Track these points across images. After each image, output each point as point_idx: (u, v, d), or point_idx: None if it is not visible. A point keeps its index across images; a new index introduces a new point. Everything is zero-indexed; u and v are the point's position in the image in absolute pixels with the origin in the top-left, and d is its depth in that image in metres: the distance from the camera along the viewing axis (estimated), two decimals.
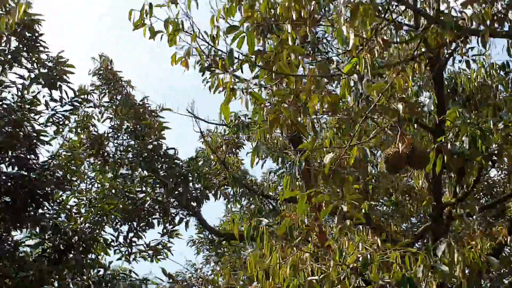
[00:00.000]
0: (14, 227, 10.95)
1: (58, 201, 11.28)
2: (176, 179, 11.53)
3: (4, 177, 10.42)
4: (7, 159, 10.29)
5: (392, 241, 8.26)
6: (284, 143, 13.11)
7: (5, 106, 9.96)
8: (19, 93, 10.26)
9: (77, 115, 11.10)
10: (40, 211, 11.09)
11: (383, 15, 5.91)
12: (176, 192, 12.13)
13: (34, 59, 10.54)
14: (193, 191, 11.79)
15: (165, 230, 13.25)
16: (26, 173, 10.45)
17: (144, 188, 13.28)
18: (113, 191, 13.31)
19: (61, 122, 10.54)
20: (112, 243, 12.59)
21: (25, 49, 10.39)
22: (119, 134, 12.07)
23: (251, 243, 10.09)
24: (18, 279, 9.91)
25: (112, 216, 12.42)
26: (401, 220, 12.32)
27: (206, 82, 11.28)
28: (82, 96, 10.77)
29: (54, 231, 10.73)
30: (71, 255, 11.04)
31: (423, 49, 7.11)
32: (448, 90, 10.83)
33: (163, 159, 11.84)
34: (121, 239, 12.82)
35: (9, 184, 10.45)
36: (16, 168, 10.40)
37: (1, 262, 10.21)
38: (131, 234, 12.94)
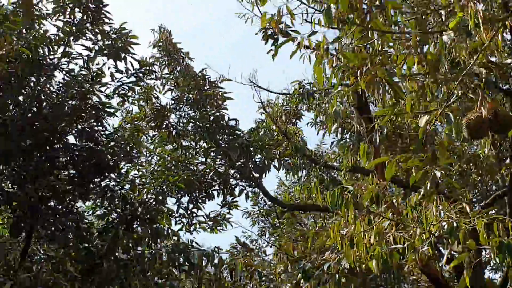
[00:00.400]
0: (80, 198, 11.09)
1: (121, 172, 11.35)
2: (239, 149, 11.43)
3: (72, 149, 10.51)
4: (74, 130, 10.35)
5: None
6: (346, 113, 12.91)
7: (72, 77, 9.98)
8: (85, 65, 10.27)
9: (140, 86, 11.06)
10: (106, 182, 11.23)
11: None
12: (239, 163, 12.06)
13: (97, 30, 10.52)
14: (256, 162, 11.67)
15: (224, 202, 13.28)
16: (93, 145, 10.53)
17: (205, 160, 13.29)
18: (173, 162, 13.41)
19: (127, 93, 10.52)
20: (173, 214, 12.68)
21: (89, 20, 10.37)
22: (181, 105, 12.02)
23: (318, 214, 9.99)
24: (83, 251, 10.03)
25: (174, 187, 12.48)
26: (468, 189, 11.99)
27: (274, 48, 11.16)
28: (146, 67, 10.70)
29: (122, 201, 10.79)
30: (136, 226, 11.17)
31: None
32: None
33: (225, 130, 11.75)
34: (181, 211, 12.93)
35: (76, 156, 10.55)
36: (83, 140, 10.47)
37: (66, 234, 10.34)
38: (191, 205, 13.00)
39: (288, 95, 11.92)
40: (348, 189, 6.28)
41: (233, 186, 13.34)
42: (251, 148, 11.90)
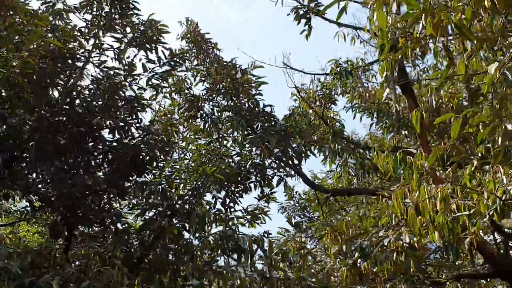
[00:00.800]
0: (117, 197, 10.83)
1: (158, 167, 11.09)
2: (277, 136, 11.09)
3: (107, 145, 10.27)
4: (108, 125, 10.11)
5: None
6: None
7: (105, 69, 9.76)
8: (116, 58, 10.03)
9: (173, 76, 10.79)
10: (142, 178, 10.98)
11: None
12: (277, 150, 11.72)
13: (125, 23, 10.29)
14: (296, 147, 11.30)
15: (262, 194, 12.95)
16: (128, 140, 10.28)
17: (240, 151, 13.00)
18: (208, 156, 13.14)
19: (160, 84, 10.25)
20: (210, 209, 12.40)
21: (117, 12, 10.14)
22: (214, 95, 11.72)
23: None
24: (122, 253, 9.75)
25: (212, 180, 12.21)
26: None
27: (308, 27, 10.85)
28: (177, 57, 10.44)
29: (161, 196, 10.52)
30: (176, 221, 10.88)
31: None
32: None
33: (261, 117, 11.42)
34: (218, 205, 12.64)
35: (111, 152, 10.30)
36: (117, 135, 10.22)
37: (102, 235, 10.08)
38: (227, 200, 12.70)
39: (325, 75, 11.56)
40: (411, 153, 5.88)
41: (271, 177, 13.03)
42: (289, 134, 11.54)
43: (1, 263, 6.51)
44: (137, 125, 10.14)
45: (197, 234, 9.58)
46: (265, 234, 8.96)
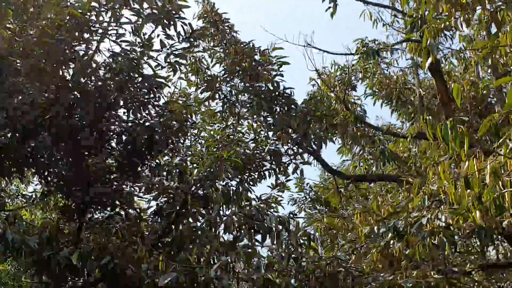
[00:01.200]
0: (133, 180, 10.43)
1: (176, 148, 10.70)
2: (298, 119, 10.68)
3: (124, 125, 9.87)
4: (125, 102, 9.69)
5: None
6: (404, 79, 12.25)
7: (123, 44, 9.37)
8: (134, 33, 9.63)
9: (191, 54, 10.37)
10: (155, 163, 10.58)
11: None
12: (296, 136, 11.33)
13: None
14: (317, 131, 10.88)
15: (276, 182, 12.58)
16: (145, 119, 9.88)
17: (255, 137, 12.65)
18: (223, 142, 12.82)
19: (178, 61, 9.83)
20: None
21: None
22: (232, 76, 11.32)
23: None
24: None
25: (228, 164, 11.86)
26: None
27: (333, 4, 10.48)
28: (196, 34, 10.02)
29: (179, 178, 10.12)
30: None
31: None
32: None
33: (281, 100, 11.02)
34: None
35: (128, 130, 9.90)
36: (136, 113, 9.82)
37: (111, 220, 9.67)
38: (240, 188, 12.34)
39: (351, 55, 11.17)
40: (463, 120, 5.49)
41: (286, 164, 12.66)
42: (310, 118, 11.14)
43: (19, 237, 6.14)
44: (155, 103, 9.71)
45: (221, 213, 9.21)
46: (291, 215, 8.57)
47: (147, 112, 9.86)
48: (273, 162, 12.50)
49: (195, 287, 6.17)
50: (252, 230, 7.76)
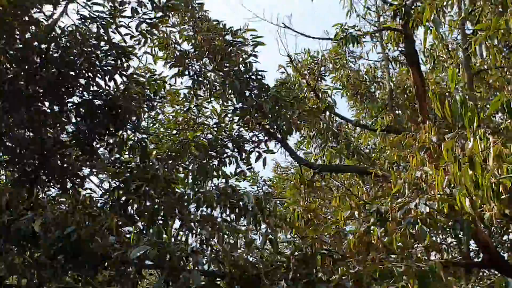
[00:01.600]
0: (89, 156, 9.75)
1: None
2: (272, 102, 10.27)
3: (85, 95, 9.23)
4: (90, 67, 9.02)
5: None
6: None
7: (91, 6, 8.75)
8: None
9: (165, 23, 9.79)
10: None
11: None
12: (266, 121, 10.95)
13: None
14: (288, 116, 10.48)
15: (236, 171, 12.16)
16: (108, 91, 9.24)
17: (219, 121, 12.20)
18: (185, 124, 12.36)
19: (150, 31, 9.26)
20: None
21: None
22: (202, 54, 10.79)
23: None
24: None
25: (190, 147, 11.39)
26: None
27: None
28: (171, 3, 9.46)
29: (142, 155, 9.51)
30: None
31: None
32: None
33: (254, 82, 10.59)
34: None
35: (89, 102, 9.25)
36: (97, 84, 9.18)
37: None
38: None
39: (329, 39, 10.85)
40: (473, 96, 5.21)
41: (249, 151, 12.25)
42: (281, 103, 10.73)
43: None
44: (123, 72, 9.11)
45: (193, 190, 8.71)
46: (268, 195, 8.17)
47: (112, 83, 9.26)
48: (235, 149, 12.09)
49: (168, 261, 5.67)
50: (227, 208, 7.31)
